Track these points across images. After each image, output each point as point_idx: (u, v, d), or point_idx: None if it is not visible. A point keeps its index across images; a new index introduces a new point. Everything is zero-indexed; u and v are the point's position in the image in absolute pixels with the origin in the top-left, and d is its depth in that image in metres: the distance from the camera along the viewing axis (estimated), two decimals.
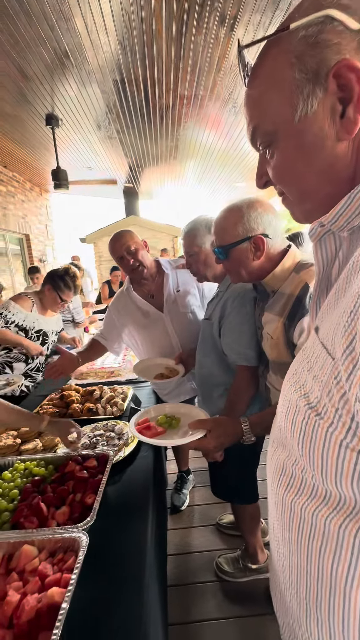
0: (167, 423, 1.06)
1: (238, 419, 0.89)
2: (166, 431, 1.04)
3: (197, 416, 1.08)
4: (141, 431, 1.02)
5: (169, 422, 1.06)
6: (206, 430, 0.90)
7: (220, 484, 1.46)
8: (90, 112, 3.63)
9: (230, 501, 1.52)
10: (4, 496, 0.97)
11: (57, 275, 2.11)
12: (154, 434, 1.01)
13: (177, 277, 1.69)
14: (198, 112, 3.63)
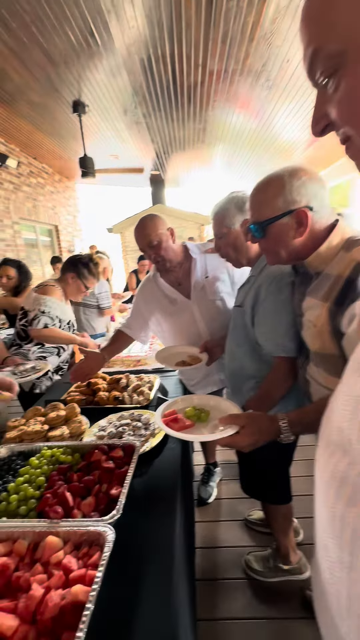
0: (195, 416, 0.99)
1: (275, 415, 0.80)
2: (194, 424, 0.98)
3: (228, 410, 1.00)
4: (168, 423, 0.96)
5: (198, 414, 0.99)
6: (239, 426, 0.82)
7: (250, 481, 1.38)
8: (116, 96, 3.56)
9: (261, 500, 1.44)
10: (31, 483, 0.96)
11: (82, 262, 2.05)
12: (181, 427, 0.95)
13: (206, 263, 1.60)
14: (228, 90, 3.43)
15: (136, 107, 3.76)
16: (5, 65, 3.04)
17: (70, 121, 4.21)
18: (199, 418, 0.98)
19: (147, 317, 1.70)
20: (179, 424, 0.96)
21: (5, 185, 4.97)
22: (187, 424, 0.96)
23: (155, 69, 2.98)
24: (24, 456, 1.11)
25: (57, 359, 1.99)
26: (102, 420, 1.37)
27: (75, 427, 1.28)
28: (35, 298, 1.88)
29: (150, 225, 1.49)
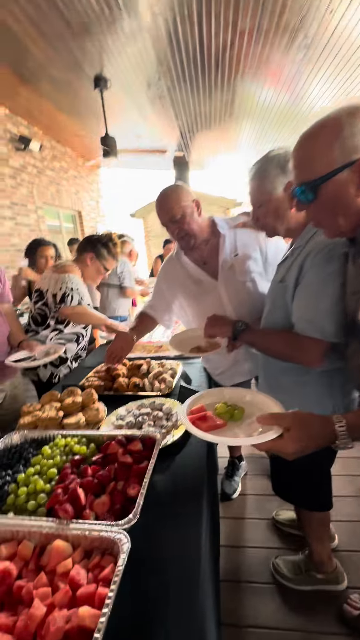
0: (227, 413, 0.85)
1: (329, 416, 0.65)
2: (226, 424, 0.84)
3: (267, 407, 0.85)
4: (195, 422, 0.83)
5: (231, 412, 0.85)
6: (282, 428, 0.67)
7: (284, 482, 1.24)
8: (139, 67, 3.35)
9: (295, 504, 1.30)
10: (42, 474, 0.88)
11: (101, 242, 1.91)
12: (211, 427, 0.81)
13: (236, 239, 1.42)
14: (260, 53, 3.12)
15: (160, 78, 3.53)
16: (26, 39, 2.92)
17: (92, 98, 4.05)
18: (232, 416, 0.84)
19: (170, 300, 1.57)
20: (207, 422, 0.83)
21: (29, 169, 4.95)
22: (217, 423, 0.82)
23: (181, 31, 2.74)
24: (37, 444, 1.03)
25: (75, 346, 1.90)
26: (121, 408, 1.27)
27: (92, 415, 1.19)
28: (58, 278, 1.77)
29: (172, 197, 1.33)
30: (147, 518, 0.74)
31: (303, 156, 0.76)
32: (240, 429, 0.81)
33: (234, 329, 1.11)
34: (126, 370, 1.59)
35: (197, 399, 0.96)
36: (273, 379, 1.13)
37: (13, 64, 3.36)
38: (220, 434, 0.79)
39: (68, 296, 1.74)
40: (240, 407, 0.87)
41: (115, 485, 0.81)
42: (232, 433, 0.80)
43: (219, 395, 0.98)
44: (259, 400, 0.90)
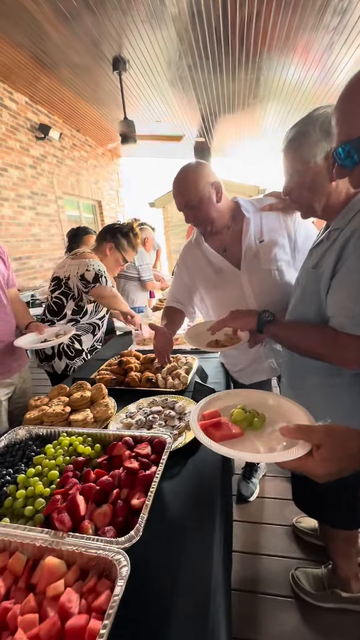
0: (246, 420, 0.74)
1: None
2: (244, 433, 0.73)
3: (293, 415, 0.74)
4: (207, 428, 0.73)
5: (249, 419, 0.74)
6: (312, 444, 0.56)
7: (306, 495, 1.12)
8: (159, 47, 3.19)
9: (319, 520, 1.19)
10: (42, 476, 0.81)
11: (121, 232, 1.83)
12: (225, 437, 0.71)
13: (262, 223, 1.27)
14: (288, 23, 2.87)
15: (181, 57, 3.35)
16: (44, 21, 2.84)
17: (111, 83, 3.95)
18: (251, 424, 0.74)
19: (191, 290, 1.46)
20: (221, 430, 0.72)
21: (49, 158, 4.94)
22: (233, 432, 0.72)
23: (204, 2, 2.55)
24: (41, 440, 0.98)
25: (91, 337, 1.84)
26: (131, 405, 1.20)
27: (101, 411, 1.12)
28: (80, 262, 1.71)
29: (190, 180, 1.20)
30: (152, 532, 0.66)
31: (347, 109, 0.62)
32: (260, 441, 0.70)
33: (259, 320, 0.99)
34: (139, 364, 1.51)
35: (212, 401, 0.86)
36: (298, 380, 1.01)
37: (32, 49, 3.30)
38: (235, 446, 0.68)
39: (102, 277, 1.70)
40: (261, 414, 0.76)
41: (119, 493, 0.73)
42: (251, 445, 0.70)
43: (236, 397, 0.87)
44: (283, 406, 0.79)
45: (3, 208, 4.01)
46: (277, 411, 0.78)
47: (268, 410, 0.77)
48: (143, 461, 0.81)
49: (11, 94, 4.13)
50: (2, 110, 3.98)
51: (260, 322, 0.99)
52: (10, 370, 1.44)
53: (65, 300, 1.74)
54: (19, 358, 1.53)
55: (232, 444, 0.72)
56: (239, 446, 0.70)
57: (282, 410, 0.77)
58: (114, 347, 1.97)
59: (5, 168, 4.04)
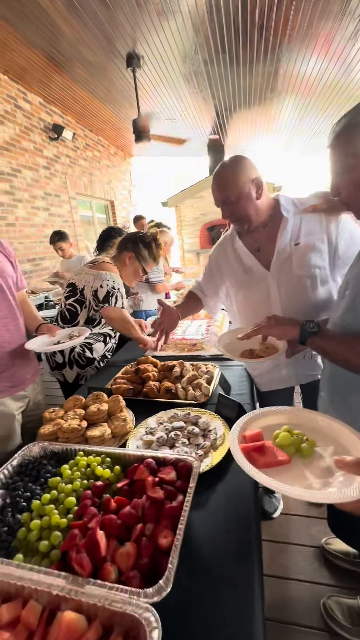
0: (293, 446, 0.65)
1: None
2: (291, 460, 0.64)
3: (348, 442, 0.64)
4: (249, 453, 0.65)
5: (296, 444, 0.65)
6: None
7: (344, 521, 1.02)
8: (174, 41, 3.11)
9: (357, 550, 1.08)
10: (58, 503, 0.74)
11: (144, 242, 1.74)
12: (270, 463, 0.62)
13: (301, 225, 1.17)
14: (310, 12, 2.73)
15: (196, 51, 3.25)
16: (57, 17, 2.79)
17: (125, 81, 3.89)
18: (299, 450, 0.65)
19: (218, 284, 1.41)
20: (266, 456, 0.64)
21: (62, 159, 4.92)
22: (279, 459, 0.63)
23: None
24: (57, 458, 0.91)
25: (102, 346, 1.76)
26: (151, 419, 1.12)
27: (119, 426, 1.05)
28: (97, 274, 1.62)
29: (229, 175, 1.13)
30: (181, 576, 0.58)
31: None
32: (309, 470, 0.61)
33: (303, 331, 0.89)
34: (157, 372, 1.43)
35: (253, 419, 0.77)
36: (339, 397, 0.91)
37: (46, 47, 3.26)
38: (281, 476, 0.59)
39: (112, 296, 1.60)
40: (310, 439, 0.67)
41: (143, 529, 0.65)
42: (299, 476, 0.61)
43: (281, 416, 0.78)
44: (335, 429, 0.69)
45: (17, 209, 4.01)
46: (327, 434, 0.68)
47: (317, 433, 0.68)
48: (168, 489, 0.73)
49: (25, 94, 4.12)
50: (16, 111, 3.98)
51: (304, 333, 0.88)
52: (24, 382, 1.37)
53: (80, 309, 1.67)
54: (33, 367, 1.46)
55: (278, 472, 0.63)
56: (285, 476, 0.61)
57: (335, 435, 0.68)
58: (130, 351, 1.90)
59: (19, 169, 4.04)
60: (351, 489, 0.52)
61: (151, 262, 1.78)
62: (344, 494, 0.52)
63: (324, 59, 3.67)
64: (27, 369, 1.40)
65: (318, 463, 0.63)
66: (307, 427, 0.71)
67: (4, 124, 3.79)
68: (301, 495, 0.57)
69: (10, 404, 1.33)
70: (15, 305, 1.38)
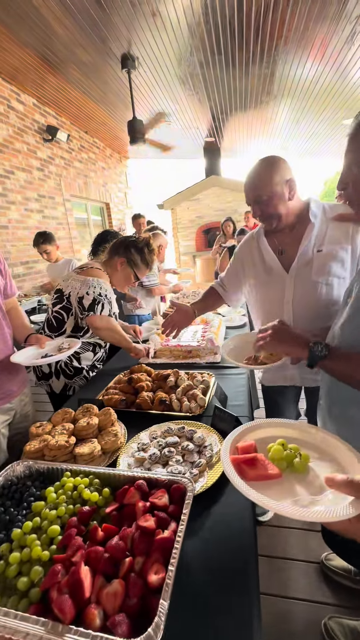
0: (285, 460, 0.61)
1: None
2: (282, 475, 0.61)
3: (343, 459, 0.61)
4: (239, 465, 0.61)
5: (289, 458, 0.61)
6: None
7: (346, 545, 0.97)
8: (170, 42, 3.07)
9: (354, 567, 1.04)
10: (41, 532, 0.69)
11: (136, 247, 1.66)
12: (259, 477, 0.60)
13: (326, 232, 1.15)
14: (307, 13, 2.72)
15: (192, 53, 3.22)
16: (51, 18, 2.74)
17: (120, 82, 3.85)
18: (291, 465, 0.61)
19: (242, 279, 1.43)
20: (256, 469, 0.60)
21: (56, 160, 4.87)
22: (269, 473, 0.60)
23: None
24: (42, 479, 0.85)
25: (91, 355, 1.68)
26: (143, 433, 1.06)
27: (110, 442, 0.99)
28: (84, 280, 1.55)
29: (263, 174, 1.13)
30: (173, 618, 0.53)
31: None
32: (301, 486, 0.58)
33: (312, 355, 0.82)
34: (151, 382, 1.38)
35: (247, 431, 0.74)
36: (338, 408, 0.86)
37: (39, 48, 3.21)
38: (270, 489, 0.57)
39: (98, 304, 1.51)
40: (303, 454, 0.63)
41: (132, 563, 0.60)
42: (289, 490, 0.58)
43: (277, 428, 0.74)
44: (333, 446, 0.65)
45: (10, 211, 3.94)
46: (324, 450, 0.65)
47: (313, 448, 0.65)
48: (160, 516, 0.67)
49: (18, 95, 4.06)
50: (9, 112, 3.91)
51: (313, 357, 0.81)
52: (10, 395, 1.31)
53: (66, 316, 1.58)
54: (20, 379, 1.39)
55: (268, 486, 0.60)
56: (274, 491, 0.58)
57: (330, 450, 0.65)
58: (123, 358, 1.85)
59: (12, 170, 3.97)
60: (339, 509, 0.48)
61: (144, 268, 1.70)
62: (331, 513, 0.49)
63: (320, 62, 3.66)
64: (13, 381, 1.33)
65: (310, 479, 0.60)
66: (303, 441, 0.69)
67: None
68: (287, 512, 0.53)
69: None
70: (1, 315, 1.31)
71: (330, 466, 0.64)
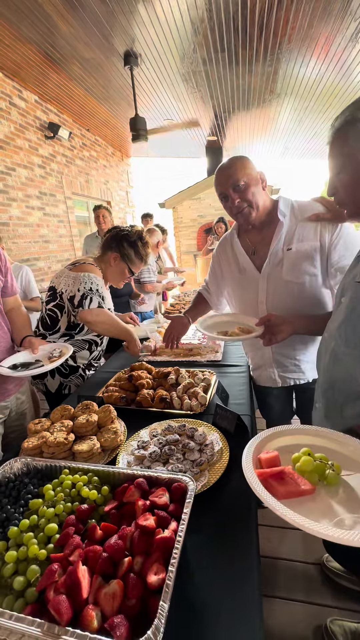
0: (316, 472, 0.57)
1: None
2: (315, 489, 0.57)
3: None
4: (267, 480, 0.57)
5: (320, 470, 0.57)
6: None
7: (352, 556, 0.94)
8: (173, 39, 3.05)
9: (356, 576, 1.02)
10: (39, 530, 0.67)
11: (128, 241, 1.60)
12: (291, 493, 0.55)
13: (295, 230, 1.14)
14: (312, 11, 2.69)
15: (195, 50, 3.20)
16: (54, 14, 2.72)
17: (122, 79, 3.82)
18: (323, 477, 0.57)
19: (221, 282, 1.45)
20: (288, 485, 0.56)
21: (58, 158, 4.84)
22: (302, 489, 0.55)
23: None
24: (40, 476, 0.84)
25: (87, 354, 1.63)
26: (144, 431, 1.05)
27: (109, 439, 0.98)
28: (75, 277, 1.51)
29: (238, 162, 1.14)
30: (174, 618, 0.51)
31: None
32: (337, 502, 0.54)
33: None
34: (151, 380, 1.36)
35: (267, 439, 0.70)
36: (335, 409, 0.85)
37: (42, 44, 3.19)
38: (304, 507, 0.53)
39: (86, 298, 1.46)
40: (335, 464, 0.59)
41: (132, 563, 0.58)
42: (327, 508, 0.53)
43: (298, 436, 0.70)
44: (350, 445, 0.62)
45: (11, 208, 3.92)
46: (353, 458, 0.61)
47: (341, 457, 0.61)
48: (160, 515, 0.66)
49: (20, 92, 4.04)
50: (11, 108, 3.89)
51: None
52: (4, 393, 1.28)
53: (60, 314, 1.54)
54: (17, 378, 1.34)
55: (300, 503, 0.55)
56: (310, 509, 0.54)
57: (348, 452, 0.61)
58: (123, 357, 1.83)
59: (13, 167, 3.95)
60: None
61: (138, 262, 1.63)
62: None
63: (323, 61, 3.63)
64: (8, 380, 1.30)
65: (345, 493, 0.56)
66: (328, 450, 0.64)
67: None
68: (338, 538, 0.48)
69: None
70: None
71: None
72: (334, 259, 1.11)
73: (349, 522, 0.51)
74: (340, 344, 0.80)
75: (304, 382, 1.32)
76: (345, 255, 1.09)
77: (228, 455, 0.90)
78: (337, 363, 0.83)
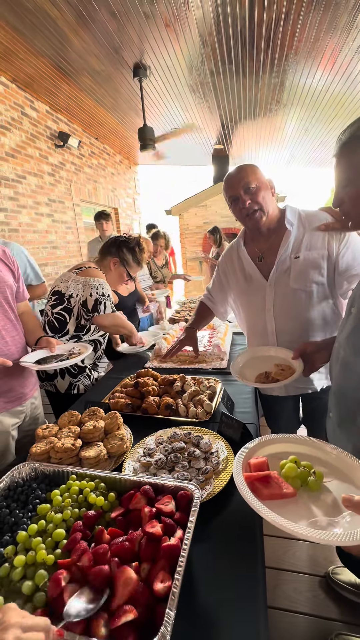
0: (299, 478, 0.60)
1: None
2: (296, 493, 0.59)
3: (356, 477, 0.59)
4: (253, 482, 0.60)
5: (303, 477, 0.60)
6: None
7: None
8: (181, 52, 3.13)
9: None
10: (47, 535, 0.68)
11: (127, 247, 1.72)
12: (274, 495, 0.58)
13: (304, 238, 1.16)
14: (318, 24, 2.74)
15: (203, 62, 3.27)
16: (65, 27, 2.81)
17: (131, 90, 3.91)
18: (305, 483, 0.59)
19: (227, 290, 1.46)
20: (270, 488, 0.59)
21: (67, 166, 4.94)
22: (284, 492, 0.58)
23: (229, 2, 2.46)
24: (47, 482, 0.85)
25: (92, 354, 1.69)
26: (150, 438, 1.06)
27: (115, 446, 0.99)
28: (85, 282, 1.57)
29: (248, 168, 1.19)
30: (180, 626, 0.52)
31: None
32: (316, 506, 0.57)
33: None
34: (157, 387, 1.38)
35: (259, 446, 0.72)
36: (349, 418, 0.85)
37: (54, 57, 3.29)
38: (285, 509, 0.55)
39: (101, 304, 1.55)
40: (317, 472, 0.61)
41: (139, 569, 0.59)
42: (305, 511, 0.57)
43: (289, 444, 0.73)
44: (346, 464, 0.64)
45: (21, 215, 4.01)
46: (337, 467, 0.63)
47: (326, 465, 0.63)
48: (167, 522, 0.67)
49: (32, 102, 4.15)
50: (22, 118, 4.00)
51: None
52: (21, 398, 1.30)
53: (68, 317, 1.59)
54: (32, 382, 1.38)
55: (282, 505, 0.59)
56: (290, 511, 0.57)
57: (343, 467, 0.63)
58: (129, 363, 1.85)
59: (24, 175, 4.05)
60: (359, 532, 0.47)
61: (135, 266, 1.77)
62: (350, 536, 0.48)
63: (330, 72, 3.68)
64: (25, 384, 1.33)
65: (325, 498, 0.58)
66: (315, 458, 0.66)
67: (10, 131, 3.81)
68: (306, 535, 0.52)
69: (6, 420, 1.26)
70: (14, 318, 1.32)
71: (344, 485, 0.63)
72: (342, 268, 1.12)
73: (322, 524, 0.54)
74: (350, 353, 0.81)
75: (311, 392, 1.32)
76: (353, 265, 1.11)
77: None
78: (347, 372, 0.83)
